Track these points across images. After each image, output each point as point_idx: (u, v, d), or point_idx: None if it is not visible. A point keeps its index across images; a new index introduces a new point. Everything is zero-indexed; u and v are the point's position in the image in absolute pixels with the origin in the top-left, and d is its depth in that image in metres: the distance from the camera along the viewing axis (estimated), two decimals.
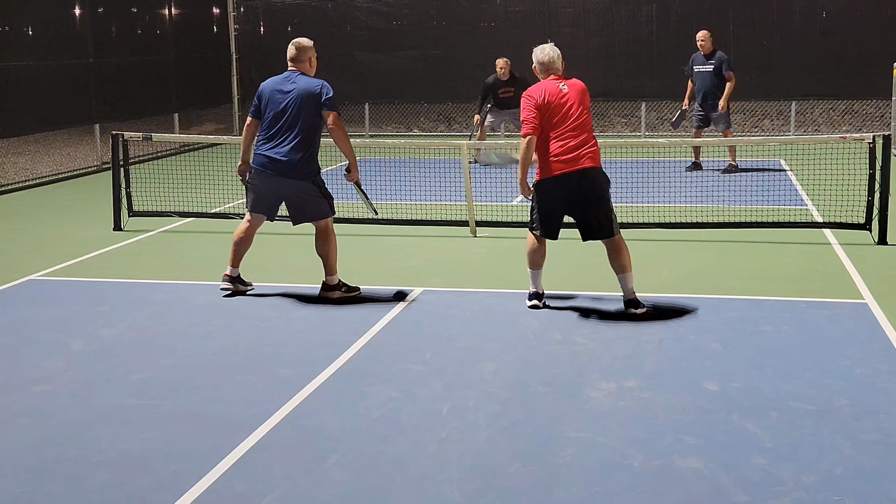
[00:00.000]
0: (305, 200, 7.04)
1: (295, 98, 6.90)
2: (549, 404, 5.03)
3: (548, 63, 6.64)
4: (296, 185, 6.97)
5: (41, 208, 11.65)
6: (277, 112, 6.93)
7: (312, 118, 6.91)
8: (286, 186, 6.99)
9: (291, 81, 6.98)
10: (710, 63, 12.92)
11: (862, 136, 8.90)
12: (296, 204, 7.10)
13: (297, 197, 7.05)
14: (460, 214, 9.75)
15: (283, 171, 6.90)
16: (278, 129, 6.92)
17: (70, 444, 4.62)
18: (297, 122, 6.89)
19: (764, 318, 6.46)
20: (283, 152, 6.88)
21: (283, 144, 6.89)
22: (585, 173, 6.46)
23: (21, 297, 7.42)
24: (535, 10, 18.27)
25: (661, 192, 10.87)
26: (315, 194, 7.03)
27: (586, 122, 6.52)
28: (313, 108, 6.89)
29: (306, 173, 6.95)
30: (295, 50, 7.09)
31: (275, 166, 6.91)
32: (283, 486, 4.12)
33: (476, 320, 6.55)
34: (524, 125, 6.51)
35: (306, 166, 6.94)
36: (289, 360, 5.78)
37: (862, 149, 9.23)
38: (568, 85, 6.56)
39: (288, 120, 6.90)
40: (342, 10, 19.21)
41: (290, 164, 6.88)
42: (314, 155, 7.02)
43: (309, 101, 6.88)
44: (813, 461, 4.28)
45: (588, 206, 6.54)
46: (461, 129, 19.76)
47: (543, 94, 6.49)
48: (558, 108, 6.46)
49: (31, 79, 13.90)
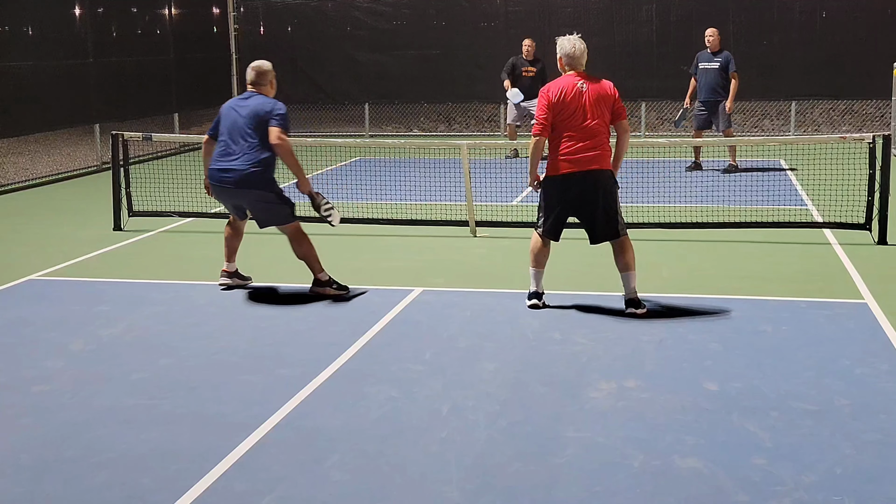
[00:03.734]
0: (264, 208, 7.14)
1: (249, 114, 7.01)
2: (548, 404, 5.03)
3: (576, 57, 6.55)
4: (250, 194, 7.06)
5: (41, 208, 11.65)
6: (231, 128, 7.05)
7: (264, 133, 6.96)
8: (242, 197, 7.12)
9: (247, 100, 7.12)
10: (717, 60, 13.03)
11: (862, 136, 8.90)
12: (256, 212, 7.22)
13: (254, 207, 7.17)
14: (460, 214, 9.75)
15: (236, 183, 6.99)
16: (232, 143, 7.03)
17: (70, 444, 4.62)
18: (248, 135, 6.98)
19: (764, 318, 6.46)
20: (236, 165, 6.97)
21: (236, 157, 6.99)
22: (589, 175, 6.44)
23: (21, 297, 7.42)
24: (535, 10, 18.27)
25: (661, 192, 10.87)
26: (272, 201, 7.10)
27: (600, 125, 6.45)
28: (265, 124, 6.95)
29: (260, 184, 7.01)
30: (255, 74, 7.20)
31: (229, 179, 7.01)
32: (283, 486, 4.12)
33: (476, 320, 6.55)
34: (535, 124, 6.53)
35: (259, 177, 6.98)
36: (289, 360, 5.78)
37: (862, 149, 9.23)
38: (588, 84, 6.47)
39: (240, 134, 7.00)
40: (342, 10, 19.21)
41: (243, 175, 6.96)
42: (269, 167, 7.05)
43: (261, 117, 6.97)
44: (813, 461, 4.28)
45: (590, 209, 6.53)
46: (461, 129, 19.77)
47: (559, 92, 6.43)
48: (573, 107, 6.40)
49: (31, 79, 13.90)
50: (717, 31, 13.20)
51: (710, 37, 13.15)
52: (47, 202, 12.14)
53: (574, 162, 6.43)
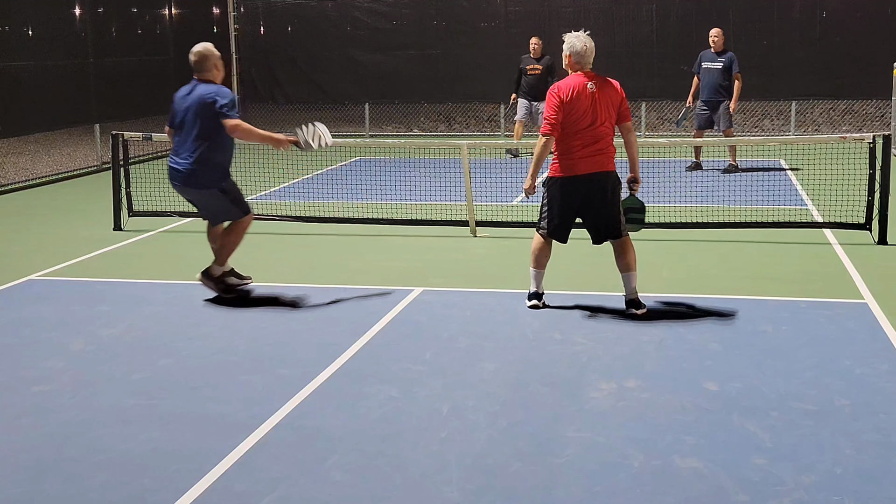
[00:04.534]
0: (212, 206, 7.04)
1: (191, 108, 6.81)
2: (549, 404, 5.03)
3: (585, 54, 6.45)
4: (198, 192, 6.94)
5: (41, 208, 11.65)
6: (178, 123, 6.91)
7: (209, 128, 6.74)
8: (192, 195, 7.01)
9: (189, 94, 6.89)
10: (720, 60, 13.06)
11: (862, 136, 8.90)
12: (204, 209, 7.13)
13: (203, 204, 7.08)
14: (460, 214, 9.75)
15: (184, 181, 6.87)
16: (180, 140, 6.89)
17: (70, 444, 4.61)
18: (193, 131, 6.80)
19: (764, 318, 6.46)
20: (182, 162, 6.85)
21: (182, 155, 6.86)
22: (596, 177, 6.43)
23: (21, 297, 7.42)
24: (535, 10, 18.27)
25: (661, 192, 10.86)
26: (221, 199, 6.96)
27: (608, 126, 6.43)
28: (210, 117, 6.73)
29: (208, 182, 6.87)
30: (195, 59, 6.90)
31: (178, 176, 6.90)
32: (283, 486, 4.12)
33: (476, 320, 6.55)
34: (545, 123, 6.42)
35: (206, 175, 6.84)
36: (289, 360, 5.78)
37: (862, 149, 9.24)
38: (598, 85, 6.41)
39: (185, 130, 6.85)
40: (342, 10, 19.21)
41: (190, 173, 6.83)
42: (217, 163, 6.87)
43: (204, 111, 6.74)
44: (813, 461, 4.28)
45: (596, 210, 6.52)
46: (461, 128, 19.77)
47: (571, 92, 6.35)
48: (582, 109, 6.35)
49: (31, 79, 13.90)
50: (721, 32, 13.21)
51: (714, 37, 13.15)
52: (47, 202, 12.14)
53: (582, 164, 6.40)
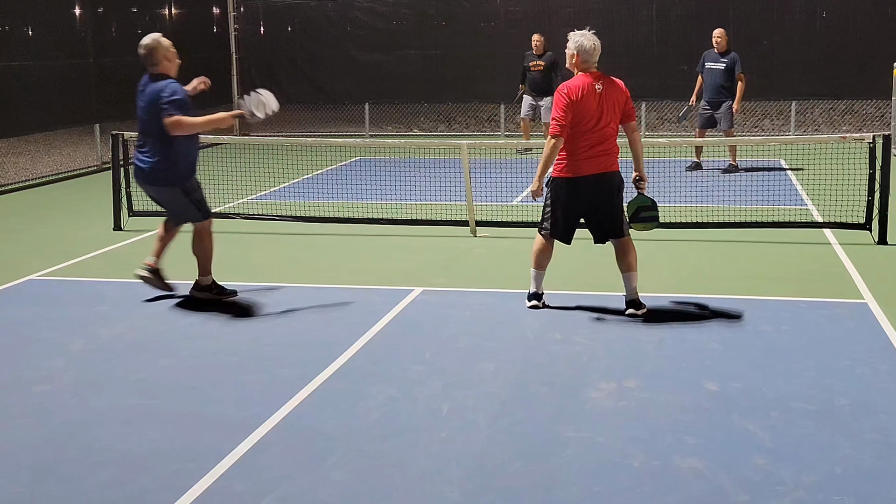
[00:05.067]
0: (173, 205, 6.99)
1: (144, 105, 6.73)
2: (549, 404, 5.03)
3: (593, 53, 6.42)
4: (160, 191, 6.89)
5: (41, 208, 11.65)
6: (138, 120, 6.85)
7: (161, 124, 6.62)
8: (153, 193, 6.96)
9: (143, 91, 6.78)
10: (723, 61, 13.08)
11: (862, 136, 8.90)
12: (167, 208, 7.08)
13: (164, 202, 7.02)
14: (460, 214, 9.75)
15: (146, 179, 6.82)
16: (142, 138, 6.84)
17: (70, 444, 4.61)
18: (148, 129, 6.74)
19: (764, 318, 6.46)
20: (142, 160, 6.80)
21: (141, 152, 6.81)
22: (602, 178, 6.43)
23: (21, 297, 7.42)
24: (535, 10, 18.26)
25: (661, 192, 10.84)
26: (182, 200, 6.90)
27: (613, 127, 6.44)
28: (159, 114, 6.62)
29: (168, 180, 6.79)
30: (143, 52, 6.71)
31: (140, 173, 6.85)
32: (283, 486, 4.12)
33: (476, 320, 6.55)
34: (553, 124, 6.37)
35: (165, 172, 6.76)
36: (289, 360, 5.78)
37: (862, 149, 9.23)
38: (604, 85, 6.40)
39: (142, 128, 6.81)
40: (342, 10, 19.20)
41: (150, 171, 6.77)
42: (176, 160, 6.74)
43: (154, 108, 6.64)
44: (813, 461, 4.28)
45: (601, 210, 6.52)
46: (461, 129, 19.76)
47: (579, 93, 6.32)
48: (590, 110, 6.32)
49: (31, 79, 13.90)
50: (724, 32, 13.23)
51: (717, 38, 13.15)
52: (47, 202, 12.14)
53: (588, 165, 6.39)
